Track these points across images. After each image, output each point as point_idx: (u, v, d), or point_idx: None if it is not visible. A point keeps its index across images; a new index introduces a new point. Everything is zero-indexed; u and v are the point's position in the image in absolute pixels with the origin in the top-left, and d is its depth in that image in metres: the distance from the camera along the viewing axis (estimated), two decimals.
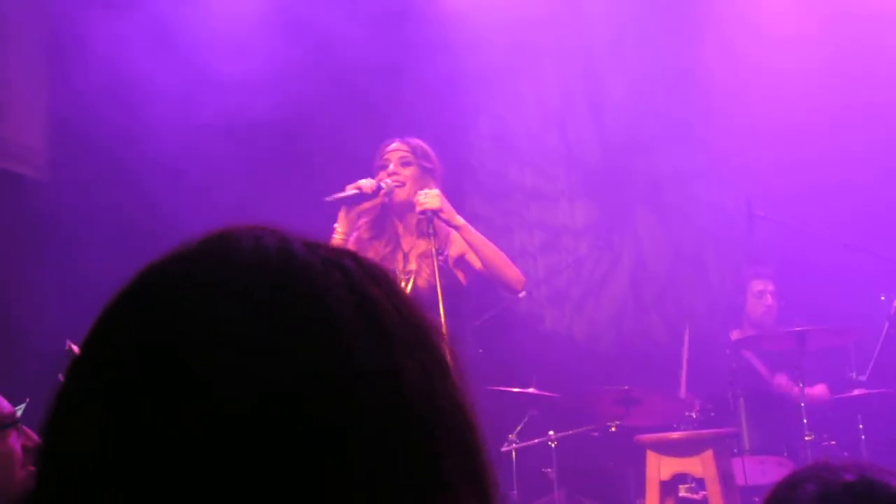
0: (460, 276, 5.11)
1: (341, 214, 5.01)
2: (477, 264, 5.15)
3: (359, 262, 0.89)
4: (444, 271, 4.85)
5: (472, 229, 5.08)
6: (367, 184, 5.01)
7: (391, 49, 6.98)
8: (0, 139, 6.43)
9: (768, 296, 6.68)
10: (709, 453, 5.45)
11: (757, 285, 6.71)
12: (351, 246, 4.87)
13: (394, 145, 5.23)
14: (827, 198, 6.71)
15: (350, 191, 4.98)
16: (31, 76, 6.61)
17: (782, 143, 6.93)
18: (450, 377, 0.87)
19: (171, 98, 6.43)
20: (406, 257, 5.09)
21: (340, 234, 4.99)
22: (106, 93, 6.34)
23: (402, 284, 4.95)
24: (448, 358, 0.88)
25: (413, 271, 5.03)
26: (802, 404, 5.64)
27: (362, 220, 5.11)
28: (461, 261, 5.16)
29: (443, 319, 4.63)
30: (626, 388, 6.03)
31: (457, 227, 5.02)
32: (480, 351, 6.18)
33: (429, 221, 4.87)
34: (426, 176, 5.14)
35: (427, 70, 7.14)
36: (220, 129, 6.47)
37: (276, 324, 0.80)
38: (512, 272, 5.15)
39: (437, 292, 4.71)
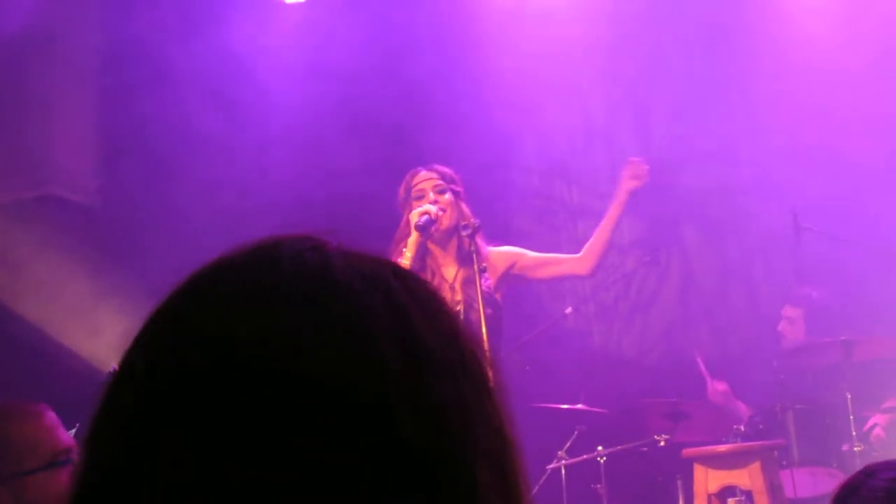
0: (498, 296, 5.12)
1: (411, 240, 4.95)
2: (535, 270, 5.22)
3: (402, 278, 0.89)
4: (487, 294, 4.84)
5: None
6: (433, 209, 4.98)
7: (441, 73, 7.07)
8: (50, 165, 6.60)
9: (800, 323, 6.66)
10: (756, 465, 5.45)
11: (788, 311, 6.71)
12: None
13: (423, 174, 5.18)
14: (873, 208, 6.70)
15: (423, 218, 4.92)
16: (82, 102, 6.78)
17: (827, 154, 6.93)
18: (490, 400, 0.87)
19: (218, 126, 6.57)
20: (453, 288, 5.06)
21: (408, 261, 4.90)
22: (156, 119, 6.50)
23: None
24: (490, 380, 0.88)
25: (461, 301, 5.00)
26: (851, 416, 5.64)
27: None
28: (505, 277, 5.19)
29: (486, 341, 4.63)
30: (675, 401, 6.06)
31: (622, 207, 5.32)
32: (528, 368, 6.24)
33: (471, 239, 4.86)
34: (458, 200, 5.13)
35: (475, 91, 7.22)
36: (269, 159, 6.60)
37: (309, 348, 0.81)
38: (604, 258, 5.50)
39: (488, 319, 4.72)
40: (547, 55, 7.41)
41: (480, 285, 4.74)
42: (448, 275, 5.10)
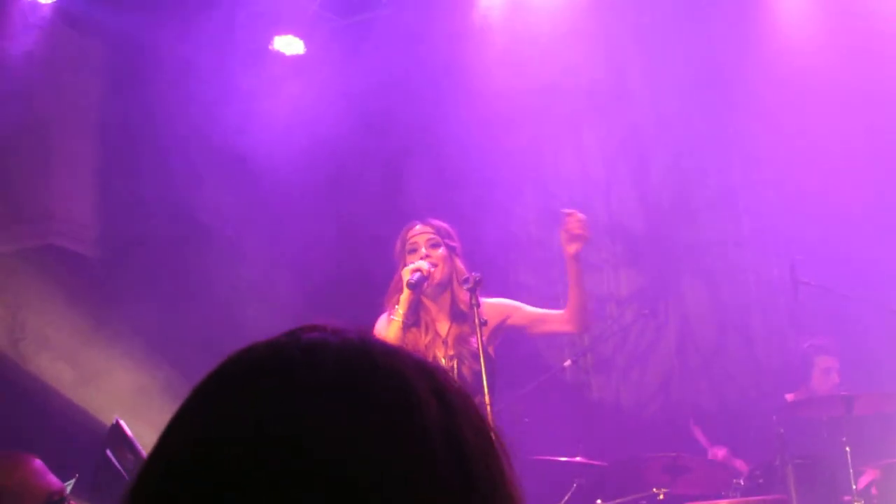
0: (491, 349, 5.10)
1: (404, 297, 4.91)
2: (527, 326, 5.20)
3: (432, 363, 0.93)
4: (484, 349, 4.81)
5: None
6: (425, 266, 4.96)
7: (439, 124, 7.11)
8: (48, 217, 6.62)
9: (835, 374, 6.66)
10: None
11: (825, 361, 6.69)
12: (400, 333, 4.85)
13: (418, 228, 5.16)
14: (871, 263, 6.71)
15: (415, 275, 4.89)
16: (83, 154, 6.82)
17: (825, 209, 6.96)
18: (504, 464, 0.90)
19: (219, 176, 6.60)
20: (445, 343, 5.04)
21: (400, 318, 4.89)
22: (152, 168, 6.53)
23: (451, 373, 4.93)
24: (501, 444, 0.91)
25: (454, 356, 4.99)
26: (851, 471, 5.62)
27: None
28: (498, 330, 5.18)
29: (488, 399, 4.62)
30: (674, 455, 6.03)
31: (577, 263, 5.08)
32: (527, 420, 6.21)
33: (472, 293, 4.85)
34: (452, 255, 5.12)
35: (473, 141, 7.26)
36: (265, 209, 6.63)
37: (365, 418, 0.83)
38: (590, 311, 5.30)
39: (479, 375, 4.71)
40: (545, 106, 7.46)
41: (481, 339, 4.72)
42: (441, 329, 5.09)
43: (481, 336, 4.71)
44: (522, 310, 5.29)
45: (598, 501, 5.97)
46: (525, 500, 0.91)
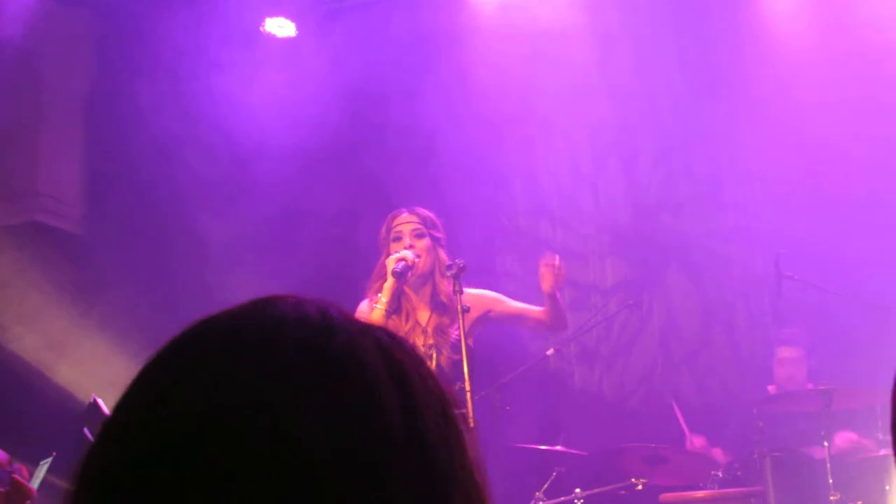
0: (470, 341, 5.10)
1: (387, 286, 4.92)
2: (507, 320, 5.23)
3: (387, 333, 0.93)
4: (460, 340, 4.82)
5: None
6: (410, 256, 4.97)
7: (428, 114, 7.11)
8: (34, 193, 6.61)
9: (800, 366, 6.68)
10: None
11: (785, 352, 6.73)
12: (382, 321, 4.87)
13: (404, 216, 5.17)
14: (855, 258, 6.74)
15: (399, 264, 4.91)
16: (67, 132, 6.81)
17: (810, 204, 6.98)
18: (466, 448, 0.91)
19: (201, 160, 6.60)
20: (425, 332, 5.05)
21: (383, 306, 4.91)
22: (141, 150, 6.53)
23: (428, 363, 4.95)
24: (465, 432, 0.92)
25: (433, 345, 5.01)
26: (828, 465, 5.65)
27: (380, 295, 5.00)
28: (480, 321, 5.20)
29: (468, 387, 4.63)
30: (654, 446, 6.06)
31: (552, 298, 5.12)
32: (508, 408, 6.23)
33: (455, 279, 4.86)
34: (436, 246, 5.13)
35: (462, 131, 7.26)
36: (255, 189, 6.63)
37: (319, 396, 0.83)
38: (566, 316, 5.35)
39: (457, 365, 4.72)
40: (535, 98, 7.48)
41: (463, 325, 4.73)
42: (421, 319, 5.11)
43: (463, 322, 4.73)
44: (504, 303, 5.31)
45: (578, 490, 5.99)
46: (487, 478, 0.92)
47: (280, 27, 7.40)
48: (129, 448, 0.82)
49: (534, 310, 5.29)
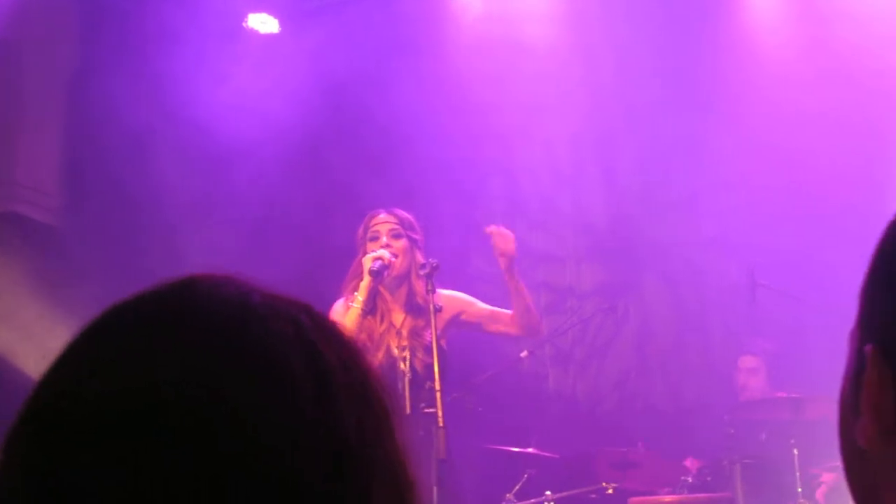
0: (443, 342, 5.12)
1: (364, 284, 4.92)
2: (480, 323, 5.24)
3: (313, 317, 0.91)
4: (437, 342, 4.82)
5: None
6: (387, 255, 4.97)
7: (407, 106, 7.11)
8: (11, 183, 6.59)
9: (759, 375, 6.73)
10: None
11: (744, 362, 6.79)
12: (358, 321, 4.88)
13: (381, 217, 5.18)
14: (828, 267, 6.78)
15: (376, 263, 4.91)
16: (45, 122, 6.78)
17: (786, 214, 7.03)
18: (390, 437, 0.90)
19: (178, 152, 6.59)
20: (399, 333, 5.05)
21: (359, 305, 4.91)
22: (118, 144, 6.51)
23: (401, 365, 4.96)
24: (392, 420, 0.91)
25: (407, 347, 5.00)
26: (798, 472, 5.69)
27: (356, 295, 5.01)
28: (452, 323, 5.21)
29: (438, 387, 4.64)
30: (625, 450, 6.09)
31: (512, 273, 5.10)
32: (480, 409, 6.24)
33: (428, 278, 4.88)
34: (413, 248, 5.13)
35: (441, 131, 7.26)
36: (230, 185, 6.63)
37: (228, 373, 0.83)
38: (536, 316, 5.33)
39: (430, 368, 4.73)
40: (516, 100, 7.49)
41: (435, 324, 4.75)
42: (396, 321, 5.10)
43: (435, 321, 4.74)
44: (476, 306, 5.33)
45: (548, 492, 6.01)
46: (414, 462, 0.91)
47: (263, 23, 7.39)
48: (39, 428, 0.83)
49: (505, 313, 5.30)
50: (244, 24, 7.34)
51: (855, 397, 0.99)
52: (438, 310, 4.81)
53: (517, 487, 6.10)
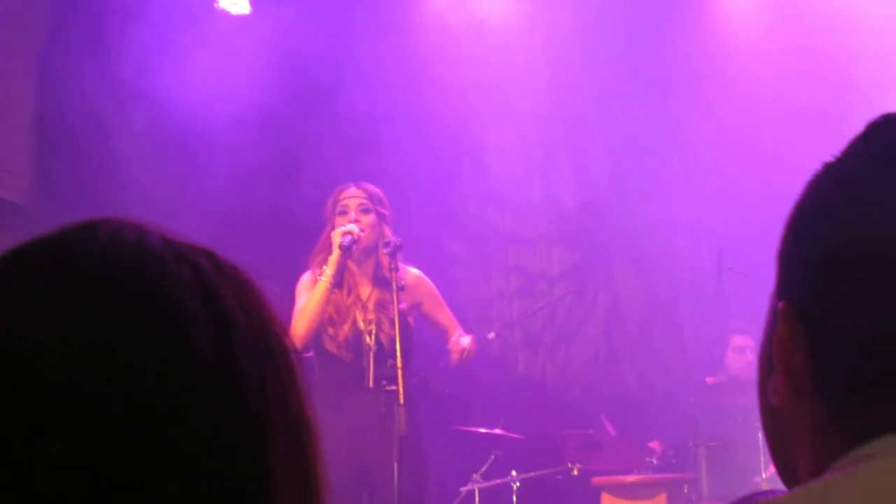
0: (411, 319, 5.14)
1: (333, 258, 4.95)
2: (431, 323, 5.27)
3: (215, 262, 0.90)
4: (400, 316, 4.83)
5: None
6: (356, 230, 4.98)
7: (378, 89, 7.11)
8: None
9: (748, 352, 6.76)
10: (662, 497, 5.53)
11: (738, 340, 6.80)
12: (326, 294, 4.91)
13: (351, 191, 5.20)
14: None
15: (346, 237, 4.92)
16: (13, 102, 6.75)
17: (757, 196, 7.04)
18: (290, 384, 0.88)
19: (154, 127, 6.58)
20: (365, 307, 5.07)
21: (328, 278, 4.94)
22: (92, 118, 6.49)
23: (367, 339, 4.98)
24: (293, 367, 0.89)
25: (373, 320, 5.02)
26: (762, 456, 5.72)
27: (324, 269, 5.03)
28: (416, 306, 5.23)
29: (399, 364, 4.66)
30: (590, 432, 6.12)
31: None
32: (447, 390, 6.26)
33: (391, 257, 4.89)
34: (381, 222, 5.15)
35: (414, 115, 7.26)
36: (207, 160, 6.61)
37: (123, 314, 0.81)
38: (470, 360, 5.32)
39: (395, 342, 4.75)
40: (489, 85, 7.49)
41: (397, 303, 4.77)
42: (363, 294, 5.12)
43: (397, 300, 4.76)
44: (435, 307, 5.34)
45: (514, 472, 6.03)
46: (314, 423, 0.89)
47: (234, 4, 7.35)
48: None
49: (452, 330, 5.29)
50: (215, 5, 7.30)
51: (769, 355, 1.00)
52: (401, 288, 4.83)
53: (484, 468, 6.12)
